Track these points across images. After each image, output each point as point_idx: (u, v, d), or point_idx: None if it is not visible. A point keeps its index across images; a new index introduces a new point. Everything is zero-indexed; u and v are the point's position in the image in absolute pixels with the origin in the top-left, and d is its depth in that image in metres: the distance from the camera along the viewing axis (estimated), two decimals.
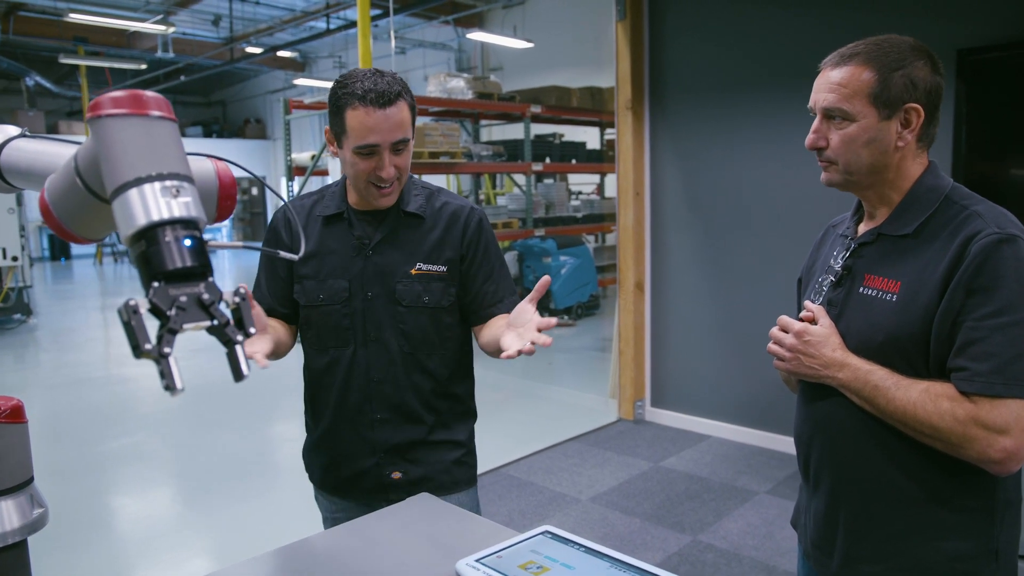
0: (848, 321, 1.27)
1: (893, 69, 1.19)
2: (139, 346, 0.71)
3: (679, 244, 4.60)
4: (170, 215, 0.75)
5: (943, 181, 1.26)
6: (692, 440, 4.39)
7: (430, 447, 1.65)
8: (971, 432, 1.12)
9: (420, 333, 1.61)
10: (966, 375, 1.13)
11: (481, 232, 1.66)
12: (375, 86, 1.44)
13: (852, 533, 1.28)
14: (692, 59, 4.40)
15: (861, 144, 1.22)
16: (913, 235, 1.23)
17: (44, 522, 1.24)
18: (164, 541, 3.37)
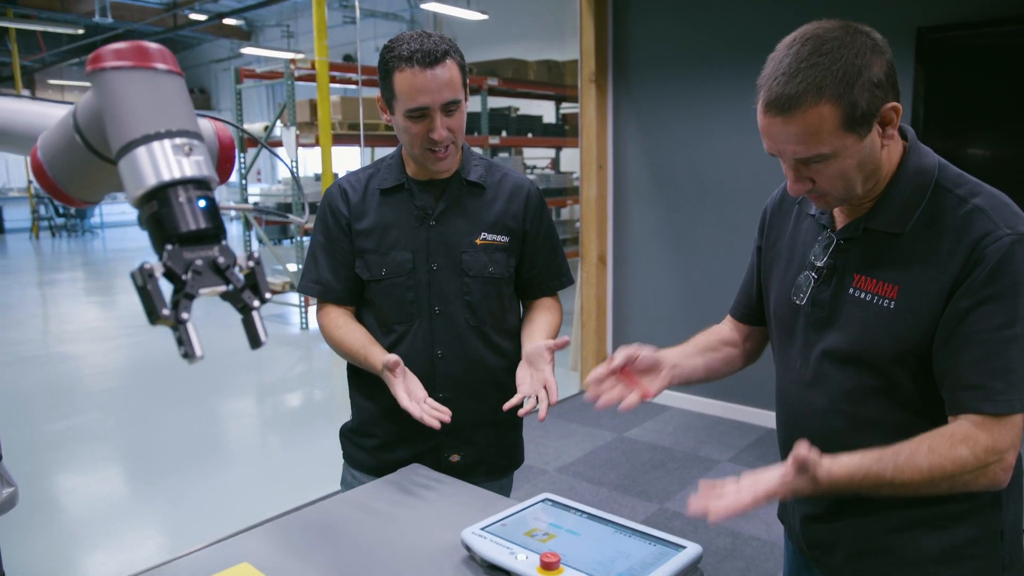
0: (842, 326, 1.14)
1: (850, 85, 0.99)
2: (156, 312, 0.67)
3: (641, 217, 4.64)
4: (182, 174, 0.72)
5: (927, 160, 1.12)
6: (654, 411, 4.46)
7: (492, 428, 1.62)
8: (987, 461, 1.03)
9: (486, 304, 1.58)
10: (985, 394, 1.02)
11: (542, 207, 1.66)
12: (421, 46, 1.40)
13: (853, 528, 1.21)
14: (656, 33, 4.41)
15: (852, 170, 1.06)
16: (908, 234, 1.09)
17: (14, 502, 1.19)
18: (115, 524, 3.27)
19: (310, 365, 6.18)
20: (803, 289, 1.20)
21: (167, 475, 3.76)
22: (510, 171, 1.67)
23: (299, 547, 1.11)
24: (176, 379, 5.52)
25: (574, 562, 0.97)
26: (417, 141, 1.47)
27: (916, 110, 3.38)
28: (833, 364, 1.15)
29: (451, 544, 1.10)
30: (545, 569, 0.95)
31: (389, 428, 1.59)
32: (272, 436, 4.55)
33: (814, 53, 1.00)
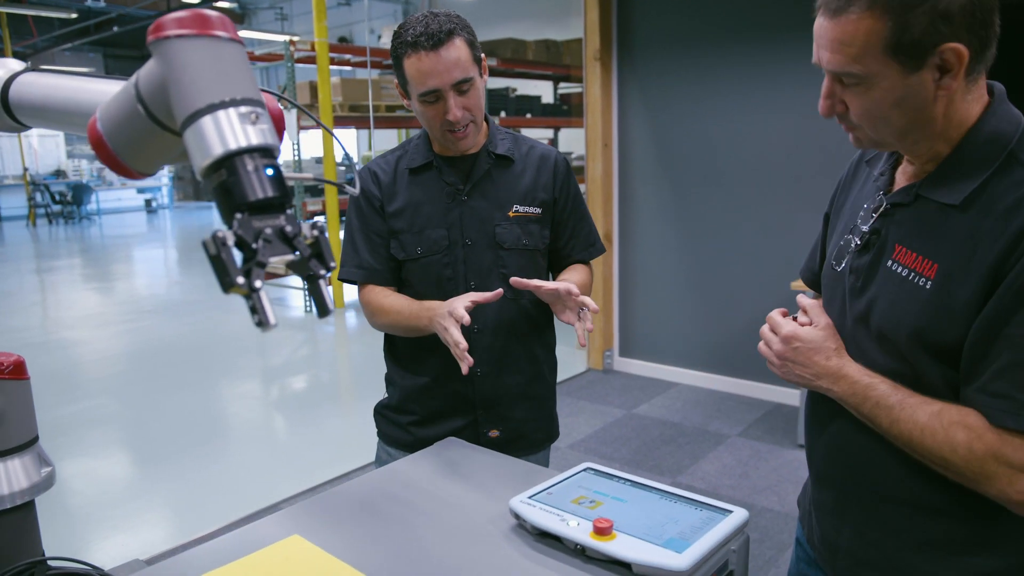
0: (872, 298, 1.05)
1: (913, 5, 0.87)
2: (231, 280, 0.67)
3: (647, 196, 4.64)
4: (249, 143, 0.72)
5: (1009, 124, 0.96)
6: (662, 388, 4.49)
7: (529, 401, 1.63)
8: (989, 469, 0.92)
9: (522, 276, 1.53)
10: (1008, 405, 0.91)
11: (570, 176, 1.67)
12: (426, 28, 1.40)
13: (861, 536, 1.11)
14: (660, 10, 4.38)
15: (888, 107, 0.94)
16: (960, 207, 0.95)
17: (52, 481, 1.21)
18: (126, 506, 3.30)
19: (315, 348, 6.20)
20: (844, 254, 1.12)
21: (175, 458, 3.79)
22: (536, 143, 1.67)
23: (346, 520, 1.13)
24: (180, 363, 5.53)
25: (626, 527, 0.99)
26: (435, 124, 1.48)
27: None
28: (864, 337, 1.07)
29: (498, 513, 1.11)
30: (599, 534, 0.97)
31: (429, 404, 1.61)
32: (279, 419, 4.57)
33: None
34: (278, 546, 1.05)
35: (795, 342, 1.07)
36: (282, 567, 1.00)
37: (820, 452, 1.17)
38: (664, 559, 0.92)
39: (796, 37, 3.78)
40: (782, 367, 1.11)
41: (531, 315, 1.61)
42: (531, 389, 1.63)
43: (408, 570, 0.98)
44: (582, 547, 0.98)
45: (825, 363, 1.05)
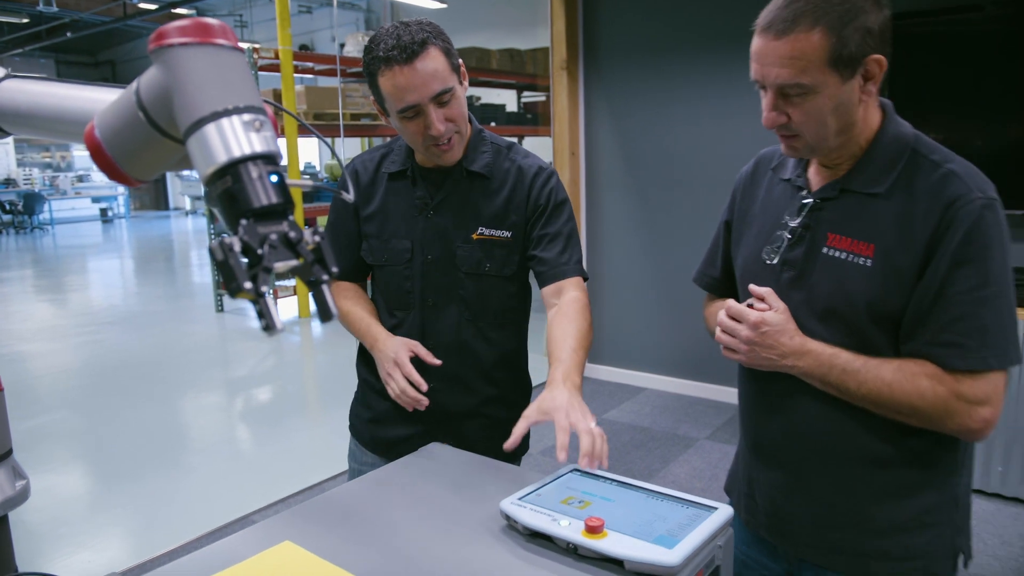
0: (813, 284, 1.18)
1: (845, 23, 1.03)
2: (239, 285, 0.68)
3: (613, 203, 4.70)
4: (253, 150, 0.72)
5: (905, 128, 1.17)
6: (630, 393, 4.54)
7: (483, 419, 1.59)
8: (952, 407, 1.08)
9: (480, 301, 1.53)
10: (958, 352, 1.08)
11: (551, 191, 1.53)
12: (398, 41, 1.32)
13: (818, 501, 1.23)
14: (626, 20, 4.46)
15: (828, 113, 1.08)
16: (886, 194, 1.13)
17: (27, 495, 1.19)
18: (89, 523, 3.22)
19: (280, 358, 6.12)
20: (775, 249, 1.23)
21: (138, 472, 3.71)
22: (523, 156, 1.56)
23: (337, 525, 1.13)
24: (141, 376, 5.42)
25: (616, 526, 1.01)
26: (418, 139, 1.41)
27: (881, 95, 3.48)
28: (808, 319, 1.18)
29: (488, 515, 1.12)
30: (590, 533, 0.99)
31: (382, 404, 1.61)
32: (245, 431, 4.50)
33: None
34: (270, 552, 1.05)
35: (763, 327, 1.16)
36: (275, 573, 1.00)
37: (775, 433, 1.27)
38: (656, 555, 0.94)
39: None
40: (749, 352, 1.19)
41: (490, 338, 1.56)
42: (486, 409, 1.59)
43: (402, 572, 0.99)
44: (574, 546, 1.00)
45: (789, 342, 1.16)
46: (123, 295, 9.09)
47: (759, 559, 1.36)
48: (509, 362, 1.61)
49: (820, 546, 1.24)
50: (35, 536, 3.05)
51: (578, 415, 1.22)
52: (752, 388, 1.32)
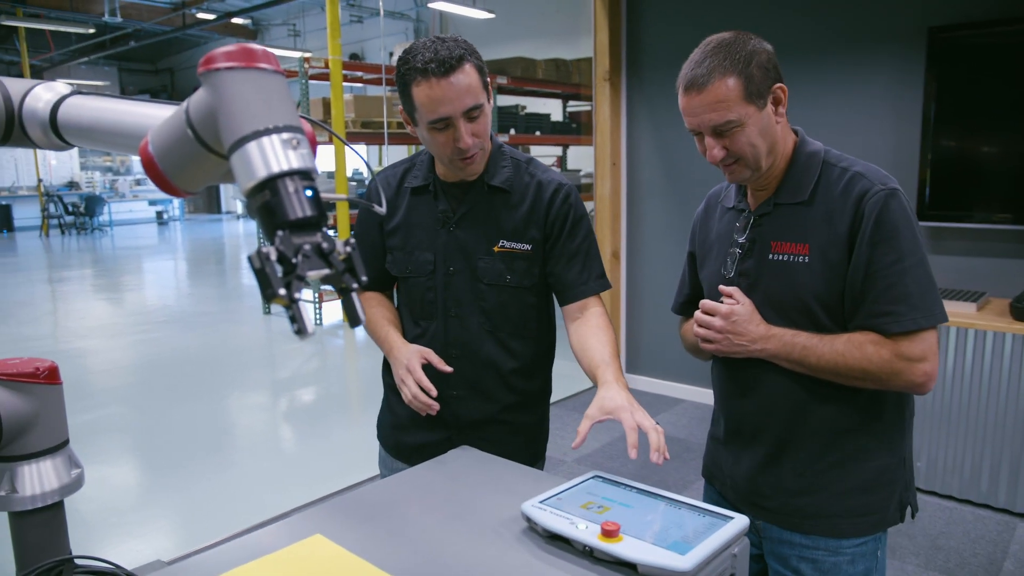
0: (767, 287, 1.38)
1: (746, 64, 1.28)
2: (274, 291, 0.73)
3: (654, 213, 4.70)
4: (291, 166, 0.78)
5: (815, 146, 1.40)
6: (668, 404, 4.53)
7: (504, 426, 1.63)
8: (897, 366, 1.28)
9: (502, 312, 1.58)
10: (892, 319, 1.27)
11: (569, 208, 1.57)
12: (436, 55, 1.37)
13: (793, 472, 1.42)
14: (669, 31, 4.47)
15: (756, 137, 1.31)
16: (808, 201, 1.35)
17: (81, 483, 1.26)
18: (139, 513, 3.36)
19: (324, 361, 6.26)
20: (730, 264, 1.45)
21: (186, 467, 3.84)
22: (543, 171, 1.61)
23: (366, 521, 1.18)
24: (191, 374, 5.60)
25: (632, 531, 1.04)
26: (445, 151, 1.46)
27: (927, 108, 3.44)
28: (766, 318, 1.38)
29: (510, 517, 1.16)
30: (606, 536, 1.02)
31: (405, 411, 1.65)
32: (288, 429, 4.62)
33: (717, 46, 1.30)
34: (301, 545, 1.10)
35: (733, 317, 1.37)
36: (305, 564, 1.05)
37: (752, 416, 1.46)
38: (668, 560, 0.97)
39: (801, 57, 3.86)
40: (723, 340, 1.39)
41: (511, 348, 1.60)
42: (507, 416, 1.63)
43: (427, 568, 1.03)
44: (590, 548, 1.03)
45: (756, 329, 1.37)
46: (176, 296, 9.39)
47: None
48: (529, 371, 1.65)
49: (796, 514, 1.42)
50: (87, 524, 3.20)
51: (641, 414, 1.31)
52: (726, 376, 1.51)
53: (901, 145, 3.62)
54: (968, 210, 3.44)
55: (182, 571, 1.07)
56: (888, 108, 3.66)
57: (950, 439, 3.22)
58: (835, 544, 1.40)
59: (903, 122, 3.61)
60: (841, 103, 3.78)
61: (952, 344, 3.17)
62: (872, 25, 3.68)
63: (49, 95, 1.09)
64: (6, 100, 1.04)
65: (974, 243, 3.49)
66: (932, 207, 3.49)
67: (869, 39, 3.70)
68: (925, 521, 3.07)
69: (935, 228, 3.57)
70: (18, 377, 1.17)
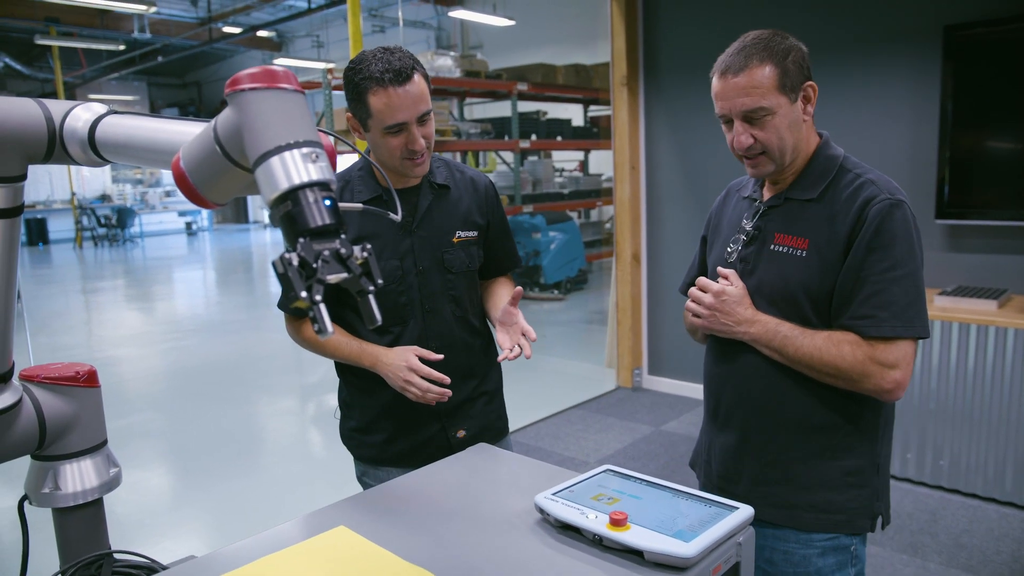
0: (762, 274, 1.44)
1: (785, 56, 1.33)
2: (296, 294, 0.80)
3: (673, 216, 4.73)
4: (310, 179, 0.84)
5: (837, 151, 1.44)
6: (690, 405, 4.54)
7: (482, 399, 1.78)
8: (868, 369, 1.31)
9: (466, 296, 1.74)
10: (872, 322, 1.31)
11: (497, 199, 1.82)
12: (390, 66, 1.47)
13: (760, 460, 1.46)
14: (685, 36, 4.50)
15: (785, 129, 1.35)
16: (816, 199, 1.40)
17: (119, 481, 1.34)
18: (172, 515, 3.46)
19: None
20: (734, 248, 1.50)
21: (217, 470, 3.94)
22: (465, 168, 1.80)
23: (388, 514, 1.24)
24: (221, 381, 5.72)
25: (639, 520, 1.08)
26: (396, 153, 1.56)
27: (944, 106, 3.43)
28: (758, 305, 1.43)
29: (524, 509, 1.21)
30: (614, 525, 1.06)
31: (393, 421, 1.71)
32: (315, 433, 4.71)
33: (756, 39, 1.36)
34: (325, 536, 1.16)
35: (723, 296, 1.44)
36: (330, 554, 1.11)
37: (727, 400, 1.51)
38: (673, 547, 1.01)
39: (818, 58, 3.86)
40: (710, 317, 1.46)
41: (474, 327, 1.77)
42: (483, 387, 1.79)
43: (445, 557, 1.09)
44: (599, 537, 1.08)
45: (744, 312, 1.43)
46: (205, 304, 9.58)
47: None
48: (485, 342, 1.82)
49: (760, 501, 1.44)
50: (123, 525, 3.30)
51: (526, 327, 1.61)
52: (711, 358, 1.57)
53: (919, 143, 3.62)
54: (988, 208, 3.43)
55: (211, 561, 1.13)
56: (905, 107, 3.66)
57: (973, 437, 3.21)
58: (805, 537, 1.44)
59: (920, 121, 3.60)
60: (858, 103, 3.79)
61: (973, 342, 3.16)
62: (888, 24, 3.68)
63: (87, 115, 1.16)
64: (48, 121, 1.12)
65: (994, 241, 3.48)
66: (951, 205, 3.49)
67: (885, 38, 3.70)
68: (948, 519, 3.06)
69: (955, 226, 3.56)
70: (59, 381, 1.24)
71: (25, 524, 1.26)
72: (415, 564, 1.05)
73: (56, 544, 1.28)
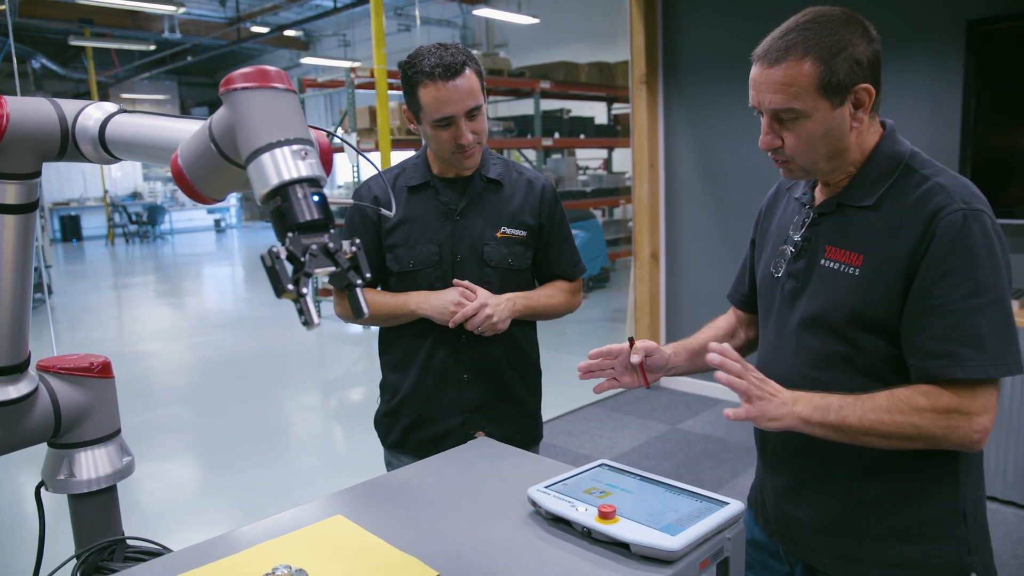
0: (811, 295, 1.23)
1: (834, 54, 1.11)
2: (283, 287, 0.82)
3: (692, 214, 4.71)
4: (300, 175, 0.87)
5: (902, 147, 1.21)
6: (707, 404, 4.53)
7: (511, 405, 1.78)
8: (952, 423, 1.08)
9: (504, 291, 1.72)
10: (953, 362, 1.08)
11: (556, 203, 1.80)
12: (441, 60, 1.53)
13: (818, 506, 1.27)
14: (705, 34, 4.48)
15: (819, 138, 1.15)
16: (874, 206, 1.18)
17: (131, 469, 1.38)
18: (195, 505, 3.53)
19: (371, 362, 6.42)
20: (781, 263, 1.31)
21: (240, 463, 4.01)
22: (525, 169, 1.81)
23: (384, 504, 1.26)
24: (246, 375, 5.81)
25: (628, 514, 1.10)
26: (446, 146, 1.61)
27: (967, 102, 3.38)
28: (802, 331, 1.24)
29: (518, 501, 1.23)
30: (603, 518, 1.08)
31: (419, 406, 1.75)
32: (337, 428, 4.77)
33: (811, 21, 1.13)
34: (322, 524, 1.19)
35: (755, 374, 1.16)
36: (326, 541, 1.14)
37: (774, 438, 1.33)
38: (659, 541, 1.02)
39: None
40: (748, 390, 1.15)
41: (510, 332, 1.73)
42: (513, 394, 1.77)
43: (437, 547, 1.11)
44: (588, 530, 1.09)
45: (776, 385, 1.15)
46: (233, 300, 9.73)
47: (764, 560, 1.43)
48: (524, 350, 1.80)
49: (820, 550, 1.28)
50: (146, 514, 3.38)
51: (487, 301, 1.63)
52: None
53: (941, 141, 3.57)
54: (1012, 206, 3.37)
55: (211, 547, 1.16)
56: (927, 103, 3.61)
57: (993, 439, 3.16)
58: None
59: (942, 117, 3.55)
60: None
61: None
62: (909, 20, 3.63)
63: (98, 114, 1.20)
64: (61, 120, 1.16)
65: (1019, 240, 3.42)
66: None
67: (906, 34, 3.65)
68: None
69: None
70: (74, 371, 1.29)
71: (42, 509, 1.30)
72: (407, 553, 1.07)
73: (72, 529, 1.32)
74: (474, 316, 1.64)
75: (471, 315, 1.63)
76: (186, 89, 21.34)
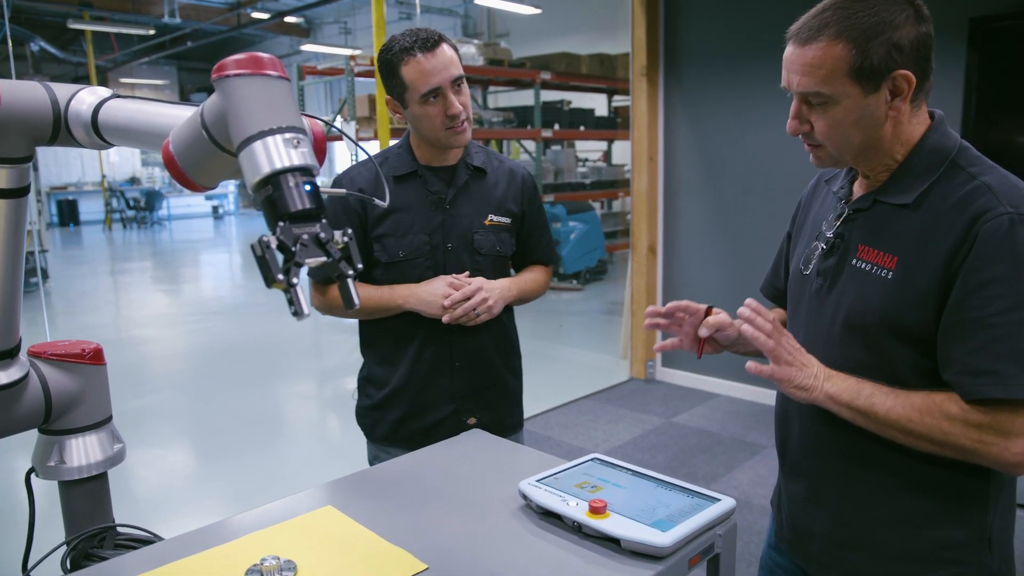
0: (839, 296, 1.16)
1: (870, 37, 1.03)
2: (273, 277, 0.82)
3: (691, 208, 4.70)
4: (291, 163, 0.86)
5: (949, 140, 1.12)
6: (702, 398, 4.53)
7: (499, 390, 1.80)
8: (986, 439, 1.01)
9: (492, 278, 1.74)
10: (994, 380, 0.99)
11: (535, 190, 1.85)
12: (418, 36, 1.55)
13: (833, 518, 1.21)
14: (706, 27, 4.45)
15: (849, 125, 1.08)
16: (913, 206, 1.09)
17: (122, 457, 1.37)
18: (188, 492, 3.53)
19: None
20: (811, 259, 1.23)
21: (234, 451, 4.01)
22: (504, 158, 1.84)
23: (375, 495, 1.26)
24: (242, 362, 5.80)
25: (619, 509, 1.09)
26: (437, 122, 1.60)
27: (968, 100, 3.37)
28: (829, 335, 1.17)
29: (509, 495, 1.22)
30: (593, 513, 1.07)
31: (411, 398, 1.74)
32: (332, 416, 4.77)
33: (847, 3, 1.05)
34: (312, 515, 1.19)
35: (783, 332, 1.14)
36: (315, 532, 1.13)
37: (794, 443, 1.28)
38: (649, 536, 1.02)
39: None
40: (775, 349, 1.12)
41: (499, 317, 1.76)
42: (502, 380, 1.80)
43: (427, 539, 1.11)
44: (579, 524, 1.09)
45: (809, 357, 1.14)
46: (230, 287, 9.71)
47: (784, 565, 1.39)
48: (510, 336, 1.84)
49: (831, 565, 1.23)
50: (138, 501, 3.38)
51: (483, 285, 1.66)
52: (781, 396, 1.30)
53: None
54: None
55: (201, 536, 1.16)
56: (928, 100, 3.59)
57: None
58: None
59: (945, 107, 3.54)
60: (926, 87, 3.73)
61: None
62: None
63: (91, 99, 1.19)
64: (54, 104, 1.14)
65: None
66: None
67: None
68: None
69: None
70: (66, 357, 1.28)
71: (32, 496, 1.30)
72: (397, 545, 1.07)
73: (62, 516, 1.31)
74: (467, 301, 1.63)
75: (465, 299, 1.64)
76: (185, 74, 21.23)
